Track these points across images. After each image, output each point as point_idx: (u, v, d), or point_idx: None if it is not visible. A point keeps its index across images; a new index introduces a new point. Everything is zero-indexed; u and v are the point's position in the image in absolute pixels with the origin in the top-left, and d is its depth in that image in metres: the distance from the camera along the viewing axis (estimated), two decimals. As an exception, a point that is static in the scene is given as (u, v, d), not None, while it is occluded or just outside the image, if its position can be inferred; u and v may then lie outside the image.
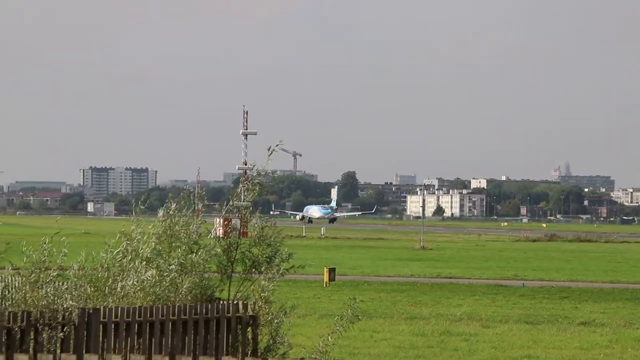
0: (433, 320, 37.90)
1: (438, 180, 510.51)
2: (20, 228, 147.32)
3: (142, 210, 20.82)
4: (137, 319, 18.18)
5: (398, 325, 36.25)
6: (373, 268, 70.07)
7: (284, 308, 19.75)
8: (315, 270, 56.01)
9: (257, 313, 19.32)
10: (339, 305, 39.45)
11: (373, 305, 43.08)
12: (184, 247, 20.28)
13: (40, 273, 18.35)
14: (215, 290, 20.35)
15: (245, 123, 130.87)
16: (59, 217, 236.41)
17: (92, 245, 21.54)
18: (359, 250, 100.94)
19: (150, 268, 19.51)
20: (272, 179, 22.11)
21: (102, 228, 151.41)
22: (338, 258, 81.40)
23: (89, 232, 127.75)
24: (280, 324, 19.51)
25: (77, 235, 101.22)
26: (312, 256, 75.48)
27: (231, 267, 20.72)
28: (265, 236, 20.86)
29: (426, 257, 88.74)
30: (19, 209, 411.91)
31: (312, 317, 37.56)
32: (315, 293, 49.04)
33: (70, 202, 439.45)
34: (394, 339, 32.22)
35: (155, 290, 19.27)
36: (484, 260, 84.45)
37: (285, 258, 20.77)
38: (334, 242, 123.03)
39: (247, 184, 21.85)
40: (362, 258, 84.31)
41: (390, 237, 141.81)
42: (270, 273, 20.32)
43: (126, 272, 19.47)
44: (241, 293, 20.44)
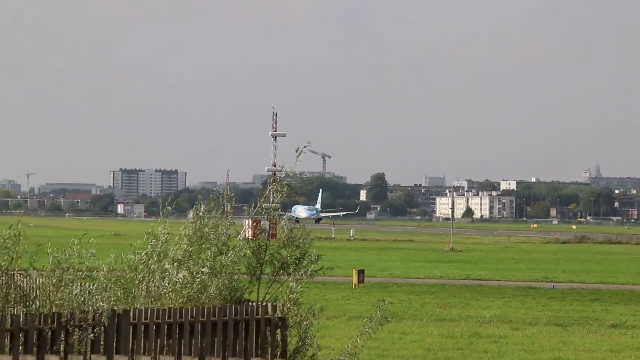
0: (462, 322, 37.81)
1: (468, 182, 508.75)
2: (50, 230, 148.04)
3: (169, 212, 20.87)
4: (166, 320, 18.24)
5: (427, 327, 36.18)
6: (402, 270, 69.98)
7: (313, 310, 19.74)
8: (344, 273, 55.95)
9: (286, 315, 19.32)
10: (368, 308, 39.42)
11: (402, 308, 43.03)
12: (214, 248, 20.32)
13: (63, 274, 18.42)
14: (244, 292, 20.38)
15: (275, 125, 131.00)
16: (85, 219, 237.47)
17: (121, 247, 21.63)
18: (389, 252, 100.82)
19: (182, 270, 19.55)
20: (300, 181, 22.10)
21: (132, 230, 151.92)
22: (367, 260, 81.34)
23: (119, 234, 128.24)
24: (309, 326, 19.51)
25: (107, 237, 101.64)
26: (341, 258, 75.45)
27: (260, 268, 20.73)
28: (294, 238, 20.86)
29: (456, 259, 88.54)
30: (49, 211, 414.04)
31: (341, 319, 37.56)
32: (345, 295, 49.04)
33: (100, 204, 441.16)
34: (423, 341, 32.16)
35: (186, 292, 19.31)
36: (514, 262, 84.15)
37: (314, 260, 20.77)
38: (363, 244, 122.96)
39: (276, 185, 21.87)
40: (392, 260, 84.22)
41: (419, 239, 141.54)
42: (299, 275, 20.32)
43: (153, 273, 19.53)
44: (270, 295, 20.46)
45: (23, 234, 18.94)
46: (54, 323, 17.26)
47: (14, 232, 18.83)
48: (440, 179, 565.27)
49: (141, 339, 18.03)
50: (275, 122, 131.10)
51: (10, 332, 16.88)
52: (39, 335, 17.14)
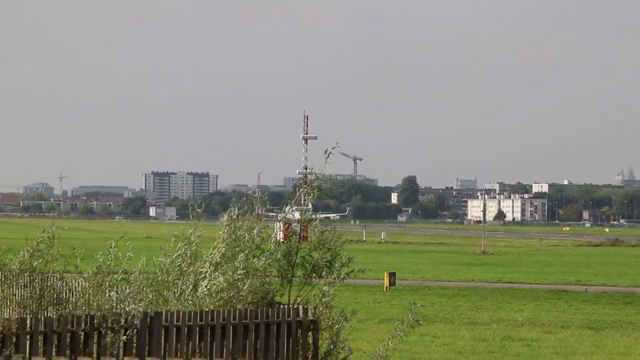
0: (494, 325, 37.70)
1: (499, 184, 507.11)
2: (84, 232, 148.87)
3: (199, 214, 20.91)
4: (198, 322, 18.29)
5: (459, 330, 36.10)
6: (434, 273, 69.87)
7: (345, 312, 19.74)
8: (375, 275, 55.97)
9: (318, 317, 19.34)
10: (400, 310, 39.40)
11: (434, 310, 42.96)
12: (247, 251, 20.36)
13: (103, 277, 18.53)
14: (275, 294, 20.41)
15: (306, 127, 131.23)
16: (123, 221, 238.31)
17: (153, 250, 21.72)
18: (420, 254, 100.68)
19: (218, 274, 19.59)
20: (331, 183, 22.10)
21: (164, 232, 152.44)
22: (398, 262, 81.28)
23: (151, 237, 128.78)
24: (340, 329, 19.51)
25: (139, 240, 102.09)
26: (372, 261, 75.41)
27: (291, 271, 20.76)
28: (325, 240, 20.86)
29: (487, 261, 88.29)
30: (82, 213, 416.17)
31: (372, 322, 37.54)
32: (376, 297, 49.03)
33: (132, 207, 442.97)
34: (454, 344, 32.09)
35: (222, 295, 19.36)
36: (546, 265, 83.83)
37: (346, 262, 20.76)
38: (394, 246, 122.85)
39: (306, 188, 21.88)
40: (423, 263, 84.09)
41: (450, 242, 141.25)
42: (331, 277, 20.31)
43: (187, 276, 19.59)
44: (301, 297, 20.48)
45: (57, 236, 19.06)
46: (86, 325, 17.36)
47: (48, 234, 18.95)
48: (472, 181, 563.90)
49: (173, 341, 18.09)
50: (306, 125, 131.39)
51: (44, 334, 16.99)
52: (72, 338, 17.24)
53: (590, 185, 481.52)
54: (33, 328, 16.87)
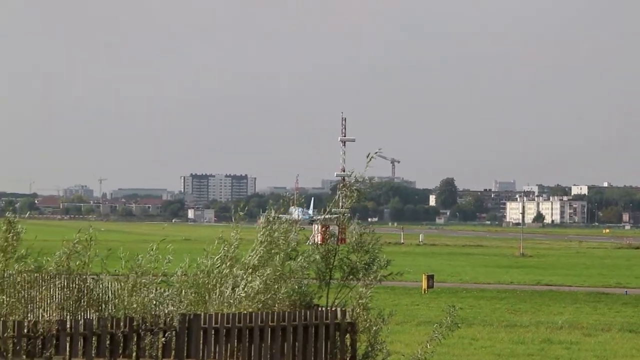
0: (533, 328, 37.51)
1: (538, 186, 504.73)
2: (122, 234, 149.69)
3: (241, 216, 20.99)
4: (236, 324, 18.33)
5: (497, 333, 35.95)
6: (472, 275, 69.62)
7: (382, 315, 19.72)
8: (413, 277, 55.88)
9: (356, 320, 19.33)
10: (438, 313, 39.28)
11: (472, 313, 42.81)
12: (282, 254, 20.39)
13: (136, 278, 18.60)
14: (313, 296, 20.42)
15: (344, 130, 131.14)
16: (165, 224, 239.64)
17: (192, 252, 21.80)
18: (458, 257, 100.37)
19: (255, 276, 19.63)
20: (370, 186, 22.08)
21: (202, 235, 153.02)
22: (436, 265, 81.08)
23: (189, 239, 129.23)
24: (378, 331, 19.49)
25: (178, 242, 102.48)
26: (411, 263, 75.26)
27: (329, 273, 20.76)
28: (364, 243, 20.85)
29: (526, 264, 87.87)
30: (121, 215, 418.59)
31: (410, 324, 37.46)
32: (414, 300, 48.91)
33: (171, 209, 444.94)
34: (493, 347, 31.96)
35: (260, 298, 19.39)
36: (585, 267, 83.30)
37: (384, 265, 20.73)
38: (432, 249, 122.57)
39: (345, 190, 21.88)
40: (461, 265, 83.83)
41: (489, 244, 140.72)
42: (369, 280, 20.30)
43: (225, 278, 19.64)
44: (339, 300, 20.47)
45: (94, 238, 19.16)
46: (126, 327, 17.45)
47: (86, 236, 19.06)
48: (510, 183, 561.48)
49: (211, 344, 18.15)
50: (344, 127, 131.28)
51: (83, 335, 17.09)
52: (111, 339, 17.33)
53: (630, 187, 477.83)
54: (73, 330, 16.99)
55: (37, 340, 16.62)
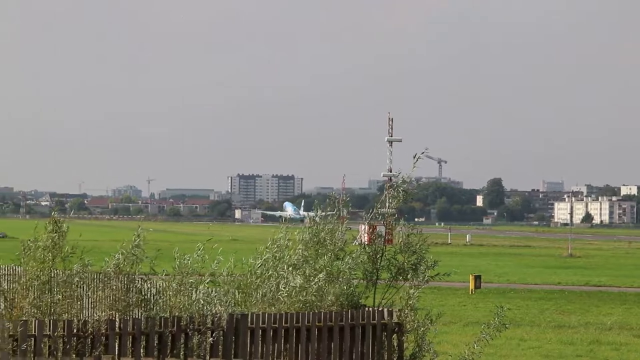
0: (582, 329, 37.26)
1: (587, 186, 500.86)
2: (170, 234, 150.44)
3: (289, 217, 21.07)
4: (283, 325, 18.38)
5: (545, 333, 35.76)
6: (519, 275, 69.28)
7: (430, 315, 19.69)
8: (460, 278, 55.70)
9: (403, 320, 19.31)
10: (485, 313, 39.14)
11: (520, 313, 42.61)
12: (330, 254, 20.42)
13: (183, 278, 18.70)
14: (360, 297, 20.43)
15: (391, 130, 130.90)
16: (210, 225, 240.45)
17: (239, 252, 21.89)
18: (505, 257, 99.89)
19: (297, 275, 19.70)
20: (417, 186, 22.05)
21: (249, 235, 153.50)
22: (484, 265, 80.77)
23: (237, 239, 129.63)
24: (425, 332, 19.46)
25: (225, 242, 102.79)
26: (458, 263, 75.04)
27: (376, 274, 20.76)
28: (411, 243, 20.84)
29: (574, 264, 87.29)
30: (169, 215, 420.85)
31: (457, 325, 37.35)
32: (461, 300, 48.76)
33: (218, 209, 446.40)
34: (541, 348, 31.79)
35: (302, 297, 19.44)
36: (635, 268, 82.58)
37: (431, 265, 20.70)
38: (479, 249, 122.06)
39: (391, 191, 21.87)
40: (508, 265, 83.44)
41: (536, 245, 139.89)
42: (416, 280, 20.28)
43: (274, 278, 19.71)
44: (386, 300, 20.47)
45: (143, 238, 19.28)
46: (173, 326, 17.56)
47: (136, 237, 19.18)
48: (558, 183, 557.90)
49: (258, 344, 18.21)
50: (391, 127, 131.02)
51: (132, 335, 17.22)
52: (159, 339, 17.45)
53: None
54: (122, 329, 17.12)
55: (87, 339, 16.76)
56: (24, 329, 16.21)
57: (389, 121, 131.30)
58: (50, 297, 18.38)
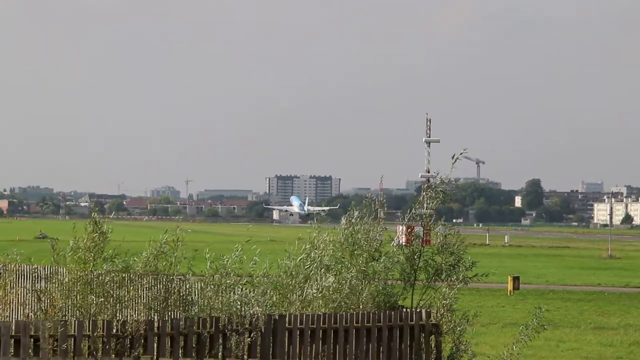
0: (622, 330, 37.01)
1: (627, 187, 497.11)
2: (208, 235, 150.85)
3: (324, 217, 21.07)
4: (321, 325, 18.39)
5: (585, 335, 35.55)
6: (558, 277, 68.91)
7: (467, 316, 19.64)
8: (498, 279, 55.42)
9: (440, 321, 19.27)
10: (524, 314, 38.98)
11: (559, 315, 42.39)
12: (365, 254, 20.41)
13: (221, 279, 18.75)
14: (398, 298, 20.41)
15: (428, 131, 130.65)
16: (250, 226, 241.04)
17: (277, 253, 21.91)
18: (544, 258, 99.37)
19: (330, 275, 19.71)
20: (455, 187, 22.00)
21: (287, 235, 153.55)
22: (522, 266, 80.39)
23: (274, 240, 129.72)
24: (463, 332, 19.41)
25: (263, 243, 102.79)
26: (496, 264, 74.73)
27: (414, 275, 20.73)
28: (449, 244, 20.79)
29: (614, 265, 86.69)
30: (207, 216, 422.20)
31: (495, 326, 37.22)
32: (499, 302, 48.58)
33: (256, 210, 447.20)
34: (581, 349, 31.60)
35: (335, 297, 19.45)
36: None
37: (469, 266, 20.65)
38: (518, 250, 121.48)
39: (429, 191, 21.82)
40: (547, 267, 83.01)
41: (576, 246, 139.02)
42: (453, 281, 20.23)
43: (309, 279, 19.73)
44: (424, 301, 20.43)
45: (181, 239, 19.36)
46: (212, 327, 17.62)
47: (172, 237, 19.26)
48: (598, 184, 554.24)
49: (296, 344, 18.23)
50: (429, 128, 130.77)
51: (170, 335, 17.30)
52: (198, 339, 17.51)
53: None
54: (160, 330, 17.20)
55: (126, 339, 16.86)
56: (64, 329, 16.33)
57: (427, 122, 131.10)
58: (90, 297, 18.50)
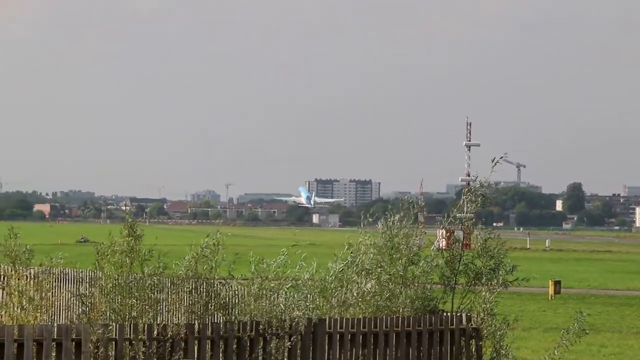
0: (664, 335, 36.73)
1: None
2: (248, 239, 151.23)
3: (368, 221, 21.11)
4: (361, 329, 18.40)
5: (627, 340, 35.31)
6: (600, 281, 68.46)
7: (508, 320, 19.57)
8: (539, 283, 55.20)
9: (480, 325, 19.22)
10: (565, 319, 38.74)
11: (600, 319, 42.11)
12: (404, 258, 20.39)
13: (262, 282, 18.79)
14: (438, 302, 20.37)
15: (469, 134, 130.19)
16: (296, 230, 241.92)
17: (317, 256, 21.93)
18: (585, 262, 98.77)
19: (370, 279, 19.71)
20: (495, 191, 21.93)
21: (327, 239, 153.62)
22: (563, 271, 79.94)
23: (314, 243, 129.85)
24: (503, 337, 19.35)
25: (303, 247, 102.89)
26: (537, 268, 74.35)
27: (454, 278, 20.69)
28: (489, 248, 20.73)
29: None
30: (247, 220, 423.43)
31: (536, 330, 37.04)
32: (540, 306, 48.35)
33: (296, 214, 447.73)
34: (623, 354, 31.39)
35: (375, 301, 19.45)
36: None
37: (509, 270, 20.57)
38: (559, 254, 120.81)
39: (469, 195, 21.77)
40: (589, 271, 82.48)
41: (618, 250, 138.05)
42: (494, 285, 20.17)
43: (350, 283, 19.74)
44: (464, 305, 20.38)
45: (221, 243, 19.42)
46: (252, 331, 17.67)
47: (213, 241, 19.33)
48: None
49: (336, 348, 18.24)
50: (469, 132, 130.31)
51: (211, 339, 17.37)
52: (238, 343, 17.57)
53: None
54: (201, 333, 17.28)
55: (167, 343, 16.95)
56: (106, 333, 16.44)
57: (467, 125, 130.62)
58: (128, 300, 18.59)
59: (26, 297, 19.31)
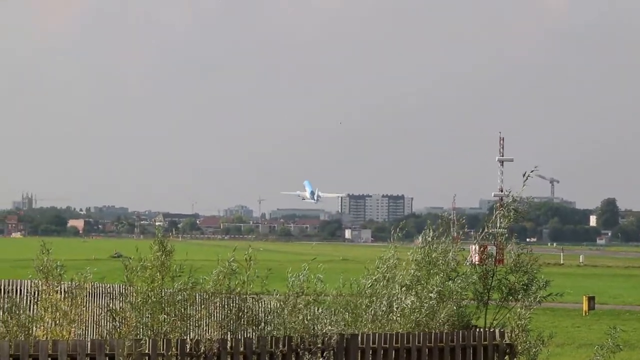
0: (700, 352, 36.37)
1: None
2: (280, 254, 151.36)
3: (399, 237, 21.07)
4: (394, 345, 18.34)
5: (662, 356, 35.01)
6: (635, 297, 67.95)
7: (542, 336, 19.46)
8: (573, 299, 54.84)
9: (514, 341, 19.12)
10: (599, 335, 38.42)
11: (635, 336, 41.79)
12: (442, 274, 20.33)
13: (297, 298, 18.78)
14: (471, 317, 20.29)
15: (502, 150, 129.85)
16: (314, 244, 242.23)
17: (349, 272, 21.92)
18: (620, 278, 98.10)
19: (409, 295, 19.65)
20: (528, 206, 21.84)
21: (360, 255, 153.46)
22: (598, 286, 79.41)
23: (347, 259, 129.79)
24: (537, 353, 19.23)
25: (336, 262, 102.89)
26: (571, 284, 73.84)
27: (487, 294, 20.60)
28: (522, 263, 20.64)
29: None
30: (279, 235, 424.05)
31: (570, 347, 36.82)
32: (574, 322, 48.05)
33: (328, 229, 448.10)
34: (658, 371, 31.13)
35: (414, 317, 19.39)
36: None
37: (543, 286, 20.48)
38: (593, 270, 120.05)
39: (502, 210, 21.69)
40: (623, 287, 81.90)
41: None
42: (527, 301, 20.07)
43: (382, 298, 19.69)
44: (497, 321, 20.29)
45: (253, 258, 19.43)
46: (284, 346, 17.65)
47: (245, 256, 19.35)
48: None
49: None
50: (502, 147, 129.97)
51: (243, 354, 17.36)
52: (270, 358, 17.55)
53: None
54: (234, 348, 17.28)
55: (199, 358, 16.95)
56: (139, 348, 16.47)
57: (500, 140, 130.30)
58: (161, 316, 18.61)
59: (60, 312, 19.38)
